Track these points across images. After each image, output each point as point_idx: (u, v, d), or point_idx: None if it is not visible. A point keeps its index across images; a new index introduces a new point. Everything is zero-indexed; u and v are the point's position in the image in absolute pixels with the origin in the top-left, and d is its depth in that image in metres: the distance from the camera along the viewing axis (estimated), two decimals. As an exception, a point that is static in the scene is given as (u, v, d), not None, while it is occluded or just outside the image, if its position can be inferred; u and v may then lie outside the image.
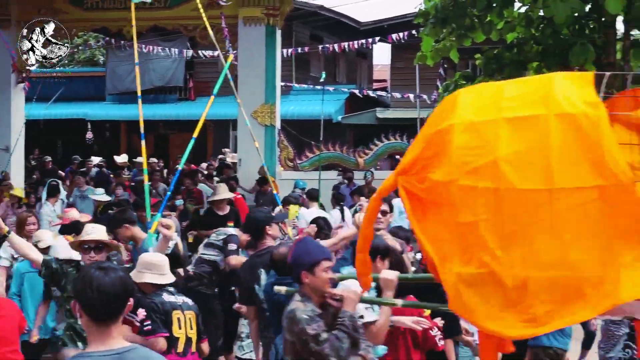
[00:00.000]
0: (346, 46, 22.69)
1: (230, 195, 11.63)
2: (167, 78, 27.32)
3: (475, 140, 3.80)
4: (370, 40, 23.14)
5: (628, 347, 5.88)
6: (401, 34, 21.69)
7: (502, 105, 3.90)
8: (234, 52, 15.20)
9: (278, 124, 16.30)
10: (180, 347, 6.05)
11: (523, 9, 16.75)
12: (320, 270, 4.85)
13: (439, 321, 5.77)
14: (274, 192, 11.62)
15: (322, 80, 18.73)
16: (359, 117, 27.07)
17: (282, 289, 5.08)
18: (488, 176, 3.73)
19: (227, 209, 11.16)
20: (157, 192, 15.34)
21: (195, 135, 8.13)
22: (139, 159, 17.63)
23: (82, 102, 28.60)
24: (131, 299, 3.22)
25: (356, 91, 25.49)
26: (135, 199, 12.67)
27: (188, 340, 6.13)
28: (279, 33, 16.30)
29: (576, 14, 15.51)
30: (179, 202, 14.01)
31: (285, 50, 19.68)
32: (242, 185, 15.22)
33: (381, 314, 5.18)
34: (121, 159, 20.24)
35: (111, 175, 19.48)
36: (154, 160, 20.06)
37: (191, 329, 6.18)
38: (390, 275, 4.97)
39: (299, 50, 23.00)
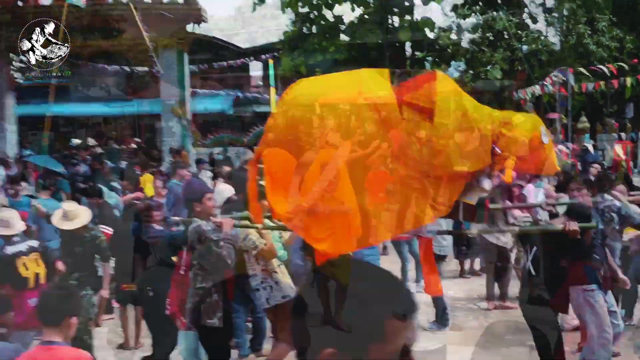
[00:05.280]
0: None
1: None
2: None
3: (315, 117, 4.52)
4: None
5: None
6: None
7: (329, 91, 4.69)
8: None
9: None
10: (32, 284, 6.55)
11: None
12: (206, 200, 5.58)
13: None
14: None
15: None
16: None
17: (177, 219, 5.54)
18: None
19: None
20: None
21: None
22: None
23: None
24: None
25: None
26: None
27: (37, 276, 6.59)
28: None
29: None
30: None
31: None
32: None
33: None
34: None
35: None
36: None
37: (38, 265, 6.60)
38: None
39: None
